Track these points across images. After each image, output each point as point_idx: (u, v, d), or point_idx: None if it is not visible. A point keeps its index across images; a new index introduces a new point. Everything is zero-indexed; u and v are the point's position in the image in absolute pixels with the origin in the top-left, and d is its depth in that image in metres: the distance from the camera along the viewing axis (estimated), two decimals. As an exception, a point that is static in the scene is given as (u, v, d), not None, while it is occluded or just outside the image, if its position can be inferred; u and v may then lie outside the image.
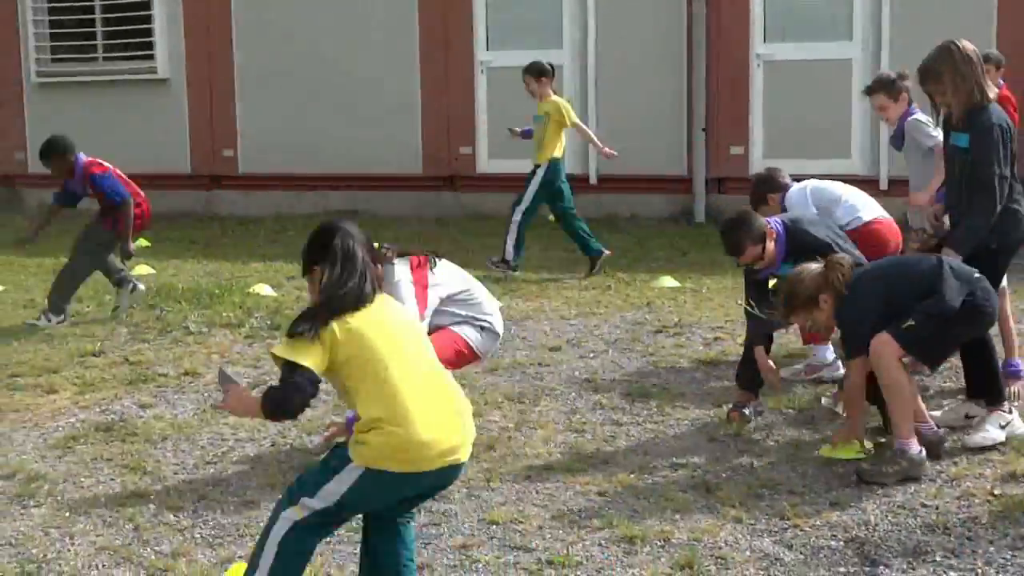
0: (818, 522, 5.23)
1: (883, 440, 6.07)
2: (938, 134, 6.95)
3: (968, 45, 6.18)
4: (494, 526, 5.28)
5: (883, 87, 7.58)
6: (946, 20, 11.83)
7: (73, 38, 16.26)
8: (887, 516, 5.27)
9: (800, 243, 6.35)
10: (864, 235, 7.09)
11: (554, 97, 10.96)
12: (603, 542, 5.09)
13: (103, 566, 4.96)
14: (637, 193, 14.02)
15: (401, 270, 6.10)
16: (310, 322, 4.05)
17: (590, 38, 14.13)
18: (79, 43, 16.21)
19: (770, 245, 6.39)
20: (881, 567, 4.78)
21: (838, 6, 13.39)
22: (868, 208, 7.41)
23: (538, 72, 10.94)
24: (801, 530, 5.16)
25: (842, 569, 4.79)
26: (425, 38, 14.78)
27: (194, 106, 15.69)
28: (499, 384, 7.46)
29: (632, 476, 5.84)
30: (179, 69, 15.75)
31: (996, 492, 5.47)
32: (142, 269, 11.58)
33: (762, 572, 4.78)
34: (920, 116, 7.46)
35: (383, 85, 14.74)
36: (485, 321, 6.31)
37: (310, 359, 4.01)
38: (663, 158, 13.96)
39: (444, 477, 4.16)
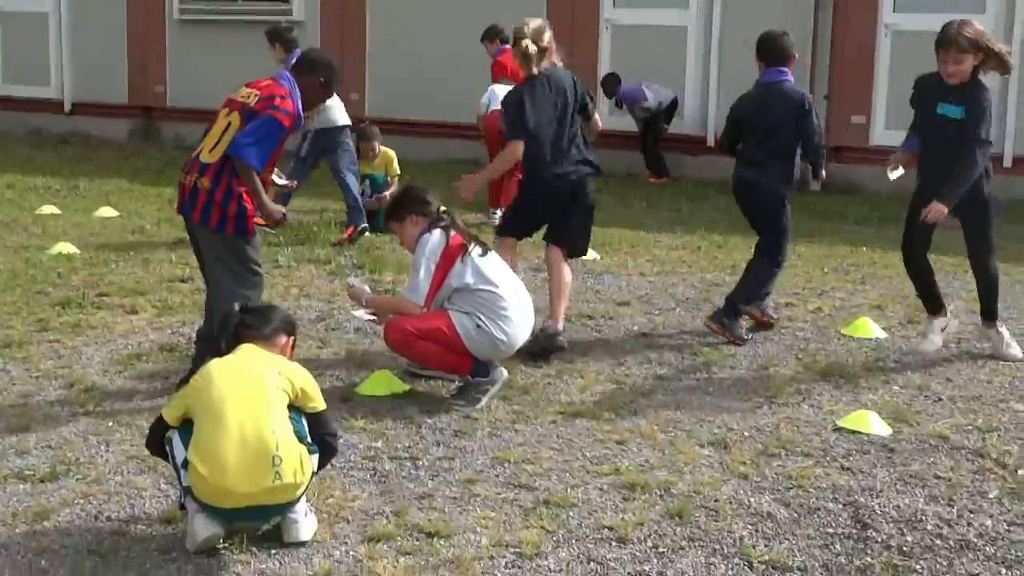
0: (823, 484, 5.27)
1: None
2: None
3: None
4: (504, 464, 5.44)
5: None
6: None
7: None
8: (895, 484, 5.28)
9: None
10: None
11: None
12: (605, 487, 5.21)
13: (127, 472, 5.26)
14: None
15: (433, 243, 6.26)
16: None
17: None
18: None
19: None
20: (871, 530, 4.81)
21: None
22: None
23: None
24: (804, 491, 5.20)
25: (831, 529, 4.83)
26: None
27: (324, 49, 16.03)
28: (558, 333, 7.59)
29: (655, 428, 5.94)
30: (314, 12, 16.12)
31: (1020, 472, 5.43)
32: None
33: (750, 527, 4.85)
34: None
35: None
36: (489, 324, 6.18)
37: None
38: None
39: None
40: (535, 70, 7.15)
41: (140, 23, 17.15)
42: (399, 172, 11.27)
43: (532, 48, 7.09)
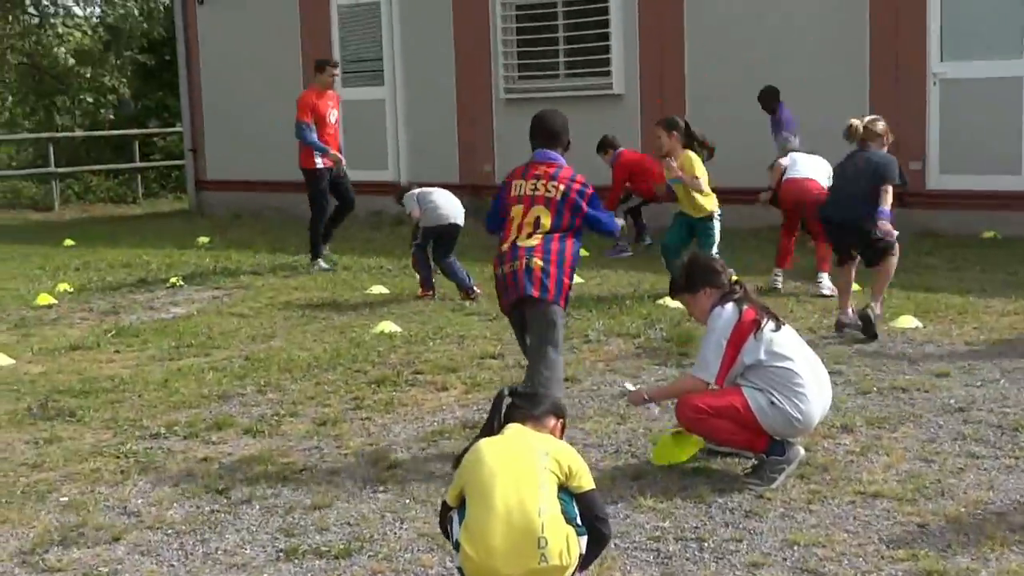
0: None
1: None
2: None
3: None
4: (794, 547, 5.24)
5: None
6: None
7: (538, 56, 17.22)
8: None
9: None
10: None
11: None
12: (900, 573, 4.93)
13: (416, 549, 5.38)
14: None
15: (726, 318, 6.15)
16: None
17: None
18: (544, 61, 17.14)
19: None
20: None
21: None
22: None
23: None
24: None
25: None
26: (876, 48, 14.49)
27: (647, 121, 16.18)
28: (867, 407, 7.29)
29: (963, 510, 5.59)
30: (634, 85, 16.30)
31: None
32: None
33: (1058, 623, 4.48)
34: None
35: (823, 100, 14.52)
36: (784, 401, 6.00)
37: None
38: None
39: None
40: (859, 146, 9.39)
41: (468, 105, 17.82)
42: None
43: (856, 124, 9.38)
